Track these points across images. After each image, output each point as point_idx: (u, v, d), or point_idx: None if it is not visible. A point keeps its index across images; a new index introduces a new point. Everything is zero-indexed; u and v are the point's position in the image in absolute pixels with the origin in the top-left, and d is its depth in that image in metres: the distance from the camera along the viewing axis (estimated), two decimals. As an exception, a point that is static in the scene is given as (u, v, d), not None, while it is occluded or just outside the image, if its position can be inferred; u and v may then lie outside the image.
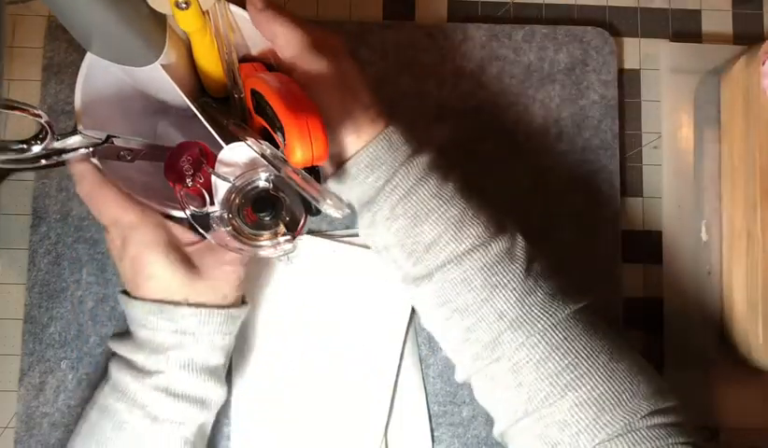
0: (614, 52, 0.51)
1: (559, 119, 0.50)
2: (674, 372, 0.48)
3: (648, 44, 0.53)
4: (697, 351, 0.49)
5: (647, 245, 0.50)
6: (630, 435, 0.32)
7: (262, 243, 0.36)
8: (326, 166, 0.38)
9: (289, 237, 0.36)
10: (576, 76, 0.51)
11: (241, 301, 0.41)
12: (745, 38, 0.53)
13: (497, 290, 0.35)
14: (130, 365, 0.37)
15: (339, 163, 0.37)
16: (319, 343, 0.46)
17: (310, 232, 0.47)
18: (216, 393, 0.39)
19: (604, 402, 0.33)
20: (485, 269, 0.35)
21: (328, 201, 0.33)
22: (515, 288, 0.35)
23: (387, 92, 0.49)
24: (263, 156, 0.35)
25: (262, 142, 0.35)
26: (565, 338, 0.34)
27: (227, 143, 0.37)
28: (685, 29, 0.53)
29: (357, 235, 0.47)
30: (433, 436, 0.46)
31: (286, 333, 0.46)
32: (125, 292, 0.39)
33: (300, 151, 0.31)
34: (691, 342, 0.49)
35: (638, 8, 0.53)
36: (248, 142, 0.35)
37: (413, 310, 0.46)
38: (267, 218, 0.35)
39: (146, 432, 0.37)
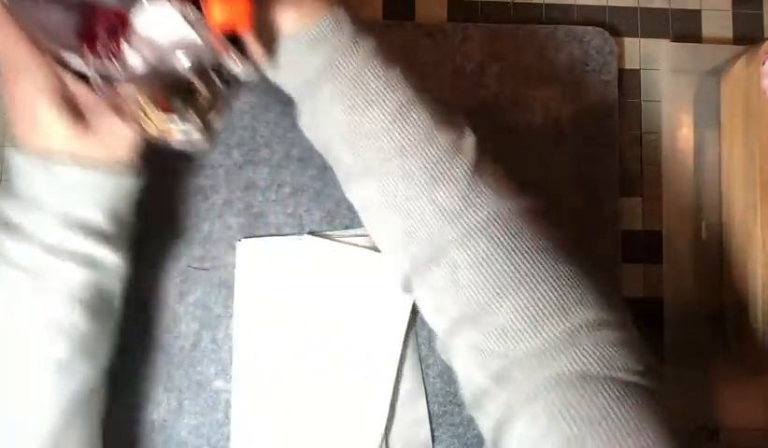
0: (614, 52, 0.51)
1: (559, 119, 0.50)
2: (674, 372, 0.48)
3: (648, 44, 0.53)
4: (697, 351, 0.49)
5: (647, 244, 0.50)
6: (574, 349, 0.30)
7: (168, 126, 0.34)
8: (259, 50, 0.34)
9: (198, 125, 0.34)
10: (576, 76, 0.51)
11: (136, 173, 0.38)
12: (745, 38, 0.53)
13: (440, 184, 0.33)
14: (6, 224, 0.35)
15: (275, 42, 0.34)
16: (318, 343, 0.46)
17: (310, 233, 0.47)
18: (103, 252, 0.36)
19: (545, 307, 0.31)
20: (429, 161, 0.33)
21: (239, 62, 0.30)
22: (459, 183, 0.33)
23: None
24: (183, 16, 0.31)
25: (185, 3, 0.32)
26: (510, 236, 0.32)
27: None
28: (685, 29, 0.53)
29: (357, 236, 0.47)
30: (433, 436, 0.46)
31: (285, 334, 0.46)
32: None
33: (218, 7, 0.29)
34: (691, 342, 0.49)
35: (638, 8, 0.53)
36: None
37: (413, 311, 0.46)
38: (179, 103, 0.33)
39: (26, 291, 0.35)
